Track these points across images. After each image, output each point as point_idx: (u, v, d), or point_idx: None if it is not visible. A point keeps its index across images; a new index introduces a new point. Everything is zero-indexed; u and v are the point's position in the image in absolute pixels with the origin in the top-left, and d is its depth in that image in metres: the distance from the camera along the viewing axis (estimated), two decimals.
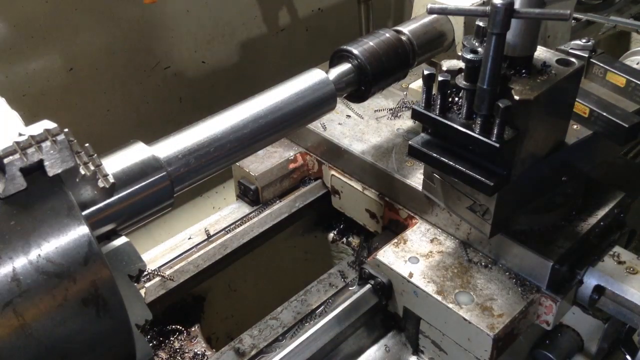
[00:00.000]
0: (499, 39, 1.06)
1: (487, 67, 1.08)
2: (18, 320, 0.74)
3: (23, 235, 0.76)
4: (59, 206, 0.80)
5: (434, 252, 1.40)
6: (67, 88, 2.08)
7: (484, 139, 1.12)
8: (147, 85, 2.29)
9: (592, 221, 1.37)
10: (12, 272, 0.74)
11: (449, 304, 1.27)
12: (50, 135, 0.79)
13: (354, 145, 1.64)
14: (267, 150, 1.75)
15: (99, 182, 0.86)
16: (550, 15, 1.03)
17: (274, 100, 1.24)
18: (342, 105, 1.77)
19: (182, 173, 1.09)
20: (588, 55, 1.41)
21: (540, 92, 1.13)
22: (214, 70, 2.45)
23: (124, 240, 0.99)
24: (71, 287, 0.77)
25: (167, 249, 1.61)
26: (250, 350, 1.42)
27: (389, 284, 1.38)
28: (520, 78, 1.16)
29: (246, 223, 1.67)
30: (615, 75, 1.40)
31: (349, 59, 1.36)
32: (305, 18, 2.70)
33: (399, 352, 1.43)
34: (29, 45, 1.95)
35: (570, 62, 1.21)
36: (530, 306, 1.30)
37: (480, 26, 1.15)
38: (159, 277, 1.50)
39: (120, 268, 0.95)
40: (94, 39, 2.09)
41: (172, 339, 1.49)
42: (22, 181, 0.78)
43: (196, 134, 1.13)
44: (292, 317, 1.51)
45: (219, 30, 2.41)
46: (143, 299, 1.13)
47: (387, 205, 1.58)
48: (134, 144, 1.05)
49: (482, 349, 1.25)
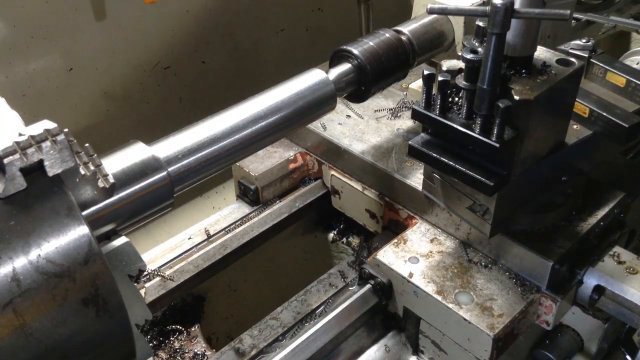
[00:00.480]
0: (499, 39, 1.06)
1: (487, 67, 1.08)
2: (18, 320, 0.74)
3: (23, 235, 0.76)
4: (59, 206, 0.80)
5: (434, 252, 1.40)
6: (67, 88, 2.08)
7: (484, 139, 1.12)
8: (147, 85, 2.29)
9: (592, 221, 1.37)
10: (12, 272, 0.74)
11: (449, 304, 1.27)
12: (50, 135, 0.79)
13: (354, 145, 1.64)
14: (267, 150, 1.75)
15: (99, 182, 0.86)
16: (550, 15, 1.03)
17: (274, 100, 1.24)
18: (342, 105, 1.77)
19: (182, 173, 1.09)
20: (588, 55, 1.41)
21: (540, 92, 1.13)
22: (214, 70, 2.45)
23: (124, 240, 0.99)
24: (71, 287, 0.77)
25: (167, 249, 1.61)
26: (250, 350, 1.42)
27: (389, 284, 1.38)
28: (520, 78, 1.16)
29: (246, 223, 1.67)
30: (615, 75, 1.40)
31: (349, 59, 1.36)
32: (305, 18, 2.70)
33: (399, 352, 1.43)
34: (29, 45, 1.95)
35: (570, 62, 1.21)
36: (530, 306, 1.30)
37: (480, 26, 1.14)
38: (159, 277, 1.50)
39: (120, 268, 0.95)
40: (94, 39, 2.09)
41: (172, 339, 1.49)
42: (22, 181, 0.78)
43: (196, 134, 1.13)
44: (292, 317, 1.51)
45: (219, 30, 2.41)
46: (143, 299, 1.13)
47: (387, 205, 1.58)
48: (134, 144, 1.05)
49: (482, 349, 1.25)
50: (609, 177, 1.48)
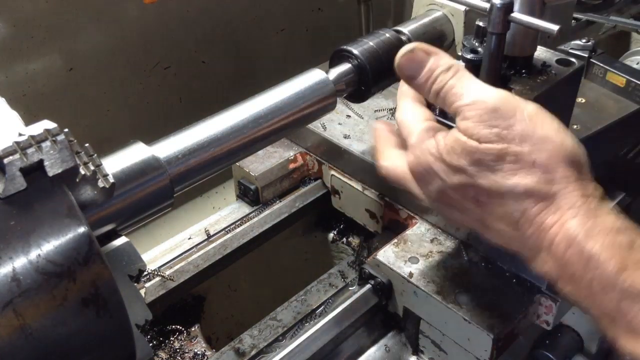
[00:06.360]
0: (498, 39, 1.06)
1: (487, 67, 1.09)
2: (18, 320, 0.74)
3: (23, 235, 0.76)
4: (59, 206, 0.80)
5: (434, 252, 1.40)
6: (67, 88, 2.08)
7: None
8: (147, 85, 2.29)
9: None
10: (12, 272, 0.74)
11: (449, 304, 1.27)
12: (50, 135, 0.79)
13: (354, 145, 1.64)
14: (267, 150, 1.75)
15: (99, 182, 0.86)
16: (540, 27, 1.04)
17: (274, 100, 1.24)
18: (342, 105, 1.77)
19: (182, 173, 1.09)
20: (588, 55, 1.42)
21: (540, 92, 1.13)
22: (214, 70, 2.45)
23: (124, 240, 0.99)
24: (71, 287, 0.77)
25: (167, 249, 1.61)
26: (250, 350, 1.42)
27: (389, 284, 1.38)
28: (520, 78, 1.16)
29: (246, 223, 1.67)
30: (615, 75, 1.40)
31: (349, 59, 1.36)
32: (305, 18, 2.70)
33: (399, 352, 1.43)
34: (29, 45, 1.95)
35: (570, 62, 1.21)
36: (530, 306, 1.30)
37: (480, 26, 1.15)
38: (159, 277, 1.50)
39: (120, 268, 0.95)
40: (94, 39, 2.09)
41: (172, 339, 1.49)
42: (22, 181, 0.78)
43: (196, 134, 1.13)
44: (292, 317, 1.51)
45: (219, 30, 2.41)
46: (143, 299, 1.13)
47: (387, 205, 1.58)
48: (134, 144, 1.05)
49: (482, 349, 1.25)
50: (609, 177, 1.47)
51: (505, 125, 0.93)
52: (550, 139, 0.93)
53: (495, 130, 0.93)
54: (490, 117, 0.94)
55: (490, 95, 0.96)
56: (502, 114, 0.93)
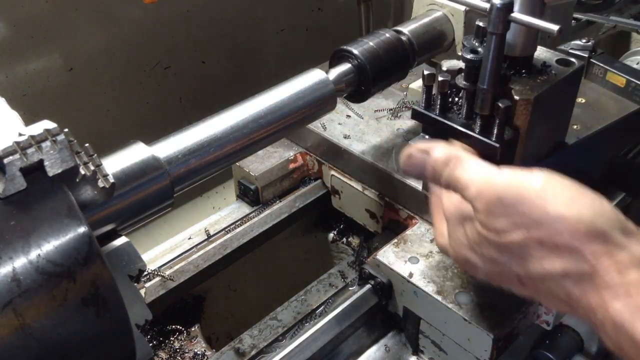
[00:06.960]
0: (499, 39, 1.06)
1: (487, 67, 1.09)
2: (18, 320, 0.74)
3: (23, 235, 0.76)
4: (59, 206, 0.80)
5: (434, 252, 1.40)
6: (67, 88, 2.08)
7: (484, 139, 1.12)
8: (147, 85, 2.29)
9: None
10: (12, 272, 0.74)
11: (449, 304, 1.27)
12: (50, 135, 0.79)
13: (354, 145, 1.64)
14: (267, 150, 1.75)
15: (99, 182, 0.86)
16: (539, 27, 1.04)
17: (274, 100, 1.24)
18: (342, 105, 1.77)
19: (182, 173, 1.09)
20: (588, 55, 1.42)
21: (540, 92, 1.13)
22: (214, 70, 2.45)
23: (124, 240, 0.99)
24: (71, 287, 0.77)
25: (167, 249, 1.61)
26: (250, 350, 1.42)
27: (389, 284, 1.38)
28: (520, 78, 1.16)
29: (246, 223, 1.67)
30: (615, 75, 1.40)
31: (349, 59, 1.36)
32: (305, 18, 2.70)
33: (399, 352, 1.43)
34: (29, 45, 1.95)
35: (570, 62, 1.21)
36: (530, 306, 1.30)
37: (480, 26, 1.15)
38: (159, 277, 1.50)
39: (120, 268, 0.95)
40: (94, 39, 2.09)
41: (172, 339, 1.49)
42: (22, 181, 0.78)
43: (196, 134, 1.14)
44: (292, 317, 1.51)
45: (219, 30, 2.41)
46: (143, 299, 1.13)
47: (387, 205, 1.58)
48: (134, 144, 1.05)
49: (482, 349, 1.25)
50: (609, 177, 1.48)
51: (516, 213, 0.89)
52: (564, 218, 0.87)
53: (510, 221, 0.90)
54: (498, 208, 0.91)
55: (492, 183, 0.93)
56: (509, 202, 0.90)
